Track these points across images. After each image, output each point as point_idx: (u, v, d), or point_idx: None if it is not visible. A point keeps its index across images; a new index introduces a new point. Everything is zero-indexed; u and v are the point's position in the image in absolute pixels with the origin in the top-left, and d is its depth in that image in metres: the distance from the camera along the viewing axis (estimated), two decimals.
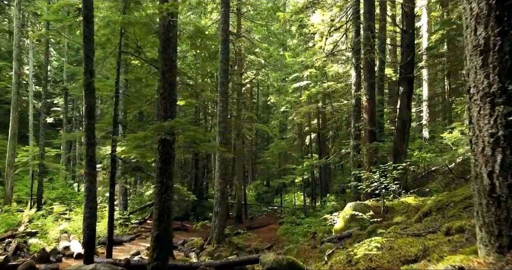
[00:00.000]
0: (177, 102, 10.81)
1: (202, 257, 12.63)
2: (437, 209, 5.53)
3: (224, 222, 14.48)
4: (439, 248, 3.09)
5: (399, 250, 3.43)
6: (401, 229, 5.04)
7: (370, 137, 12.56)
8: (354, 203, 8.83)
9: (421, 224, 5.01)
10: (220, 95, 14.47)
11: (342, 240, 7.73)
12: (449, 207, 5.36)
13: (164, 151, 6.93)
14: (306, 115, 25.51)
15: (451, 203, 5.45)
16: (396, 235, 4.37)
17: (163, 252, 6.71)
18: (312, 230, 15.88)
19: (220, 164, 14.30)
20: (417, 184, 14.09)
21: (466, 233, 3.33)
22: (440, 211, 5.44)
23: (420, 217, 5.70)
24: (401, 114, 12.45)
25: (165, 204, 6.83)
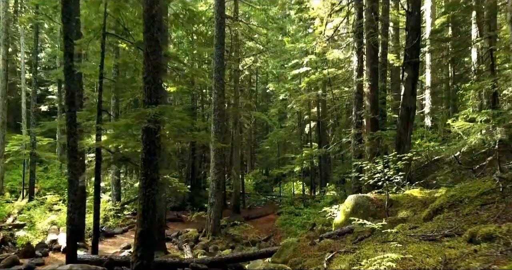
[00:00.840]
0: (168, 88, 10.17)
1: (196, 250, 12.15)
2: (449, 205, 4.96)
3: (219, 213, 13.98)
4: (465, 261, 2.53)
5: (413, 261, 2.86)
6: (410, 229, 4.47)
7: (372, 125, 11.94)
8: (355, 196, 8.26)
9: (432, 223, 4.43)
10: (215, 82, 13.81)
11: (343, 236, 7.19)
12: (464, 204, 4.78)
13: (149, 140, 6.32)
14: (306, 103, 24.85)
15: (465, 198, 4.87)
16: (406, 238, 3.80)
17: (147, 250, 6.17)
18: (311, 221, 15.39)
19: (216, 153, 13.73)
20: (419, 174, 13.55)
21: (497, 242, 2.76)
22: (453, 207, 4.86)
23: (430, 213, 5.13)
24: (405, 101, 11.80)
25: (150, 198, 6.25)
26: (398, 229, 4.70)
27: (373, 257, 3.16)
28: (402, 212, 7.07)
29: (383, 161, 7.54)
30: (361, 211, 7.85)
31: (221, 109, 13.95)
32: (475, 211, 4.34)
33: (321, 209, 16.57)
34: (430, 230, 4.09)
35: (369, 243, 4.61)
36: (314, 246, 6.84)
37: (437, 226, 4.21)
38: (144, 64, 6.48)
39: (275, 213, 20.13)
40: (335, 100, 20.67)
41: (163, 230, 11.08)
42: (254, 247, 13.47)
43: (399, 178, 8.61)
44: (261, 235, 16.01)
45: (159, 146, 6.48)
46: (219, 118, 13.78)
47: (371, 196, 8.17)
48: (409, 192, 8.21)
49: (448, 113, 22.80)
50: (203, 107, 27.32)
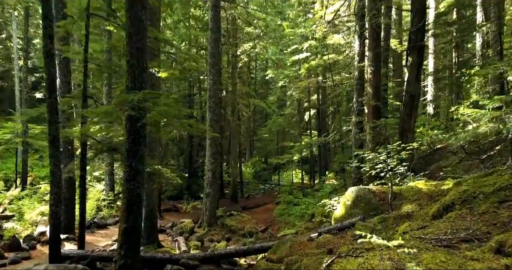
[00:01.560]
0: (159, 74, 9.60)
1: (191, 242, 11.76)
2: (461, 202, 4.47)
3: (215, 204, 13.56)
4: None
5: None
6: (419, 229, 3.99)
7: (374, 112, 11.42)
8: (356, 188, 7.79)
9: (444, 223, 3.95)
10: (210, 67, 13.22)
11: (343, 231, 6.74)
12: (478, 200, 4.30)
13: (133, 129, 5.80)
14: (306, 90, 24.25)
15: (479, 194, 4.39)
16: (416, 242, 3.32)
17: (132, 248, 5.72)
18: (309, 212, 15.01)
19: (211, 142, 13.22)
20: (422, 163, 13.08)
21: None
22: (466, 204, 4.38)
23: (440, 210, 4.65)
24: (409, 87, 11.24)
25: (135, 192, 5.77)
26: (405, 228, 4.22)
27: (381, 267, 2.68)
28: (406, 206, 6.59)
29: (386, 151, 7.04)
30: (362, 204, 7.39)
31: (217, 96, 13.38)
32: (492, 209, 3.86)
33: (320, 199, 16.17)
34: (443, 231, 3.60)
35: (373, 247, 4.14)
36: (312, 242, 6.39)
37: (450, 226, 3.72)
38: (127, 46, 5.92)
39: (273, 203, 19.75)
40: (335, 87, 20.06)
41: (155, 222, 10.65)
42: (251, 239, 13.09)
43: (402, 169, 8.13)
44: (259, 226, 15.63)
45: (144, 135, 5.97)
46: (215, 105, 13.23)
47: (373, 188, 7.71)
48: (413, 184, 7.74)
49: (451, 100, 22.24)
50: (200, 94, 26.70)
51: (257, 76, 38.64)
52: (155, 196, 10.49)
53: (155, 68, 9.66)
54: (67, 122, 10.88)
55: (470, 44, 23.90)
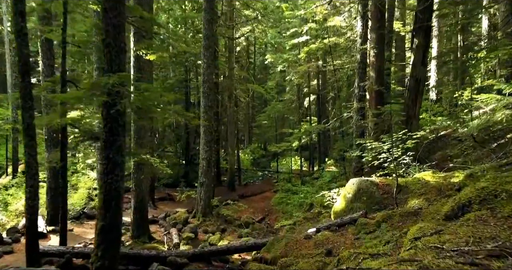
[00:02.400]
0: (147, 57, 8.91)
1: (184, 233, 11.27)
2: (480, 201, 3.90)
3: (210, 193, 13.05)
4: None
5: None
6: (433, 234, 3.41)
7: (377, 98, 10.77)
8: (358, 180, 7.23)
9: (462, 227, 3.37)
10: (204, 50, 12.50)
11: (343, 228, 6.21)
12: (500, 200, 3.72)
13: (110, 117, 5.19)
14: (305, 75, 23.50)
15: (502, 192, 3.81)
16: (433, 256, 2.75)
17: (111, 248, 5.18)
18: (308, 201, 14.53)
19: (205, 129, 12.61)
20: (426, 152, 12.50)
21: None
22: (485, 204, 3.80)
23: (454, 210, 4.08)
24: (415, 71, 10.57)
25: (113, 186, 5.20)
26: (416, 232, 3.64)
27: None
28: (413, 201, 6.04)
29: (392, 140, 6.44)
30: (364, 197, 6.84)
31: (211, 81, 12.70)
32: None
33: (319, 187, 15.70)
34: (463, 240, 3.03)
35: (377, 254, 3.57)
36: (310, 240, 5.86)
37: (471, 233, 3.15)
38: (102, 23, 5.25)
39: (271, 191, 19.27)
40: (335, 71, 19.32)
41: (146, 213, 10.14)
42: (247, 229, 12.62)
43: (407, 159, 7.58)
44: (256, 215, 15.17)
45: (124, 124, 5.35)
46: (209, 91, 12.56)
47: (376, 180, 7.14)
48: (419, 175, 7.17)
49: (456, 85, 21.53)
50: (197, 79, 25.93)
51: (256, 61, 37.77)
52: (145, 186, 9.95)
53: (143, 51, 8.98)
54: (49, 109, 10.25)
55: (474, 28, 23.06)
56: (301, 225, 12.39)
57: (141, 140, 9.70)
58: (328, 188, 14.45)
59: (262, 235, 12.47)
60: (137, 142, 9.63)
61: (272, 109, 25.33)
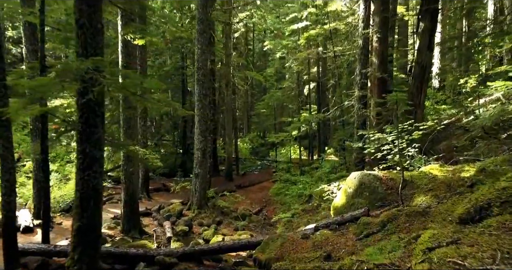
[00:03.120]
0: (135, 41, 8.33)
1: (178, 226, 10.85)
2: (501, 203, 3.41)
3: (206, 185, 12.60)
4: None
5: None
6: (449, 244, 2.94)
7: (379, 86, 10.22)
8: (360, 174, 6.74)
9: (484, 237, 2.89)
10: (198, 35, 11.88)
11: (344, 226, 5.74)
12: None
13: (86, 107, 4.67)
14: (305, 62, 22.85)
15: None
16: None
17: (89, 250, 4.72)
18: (307, 193, 14.10)
19: (200, 118, 12.09)
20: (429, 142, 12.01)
21: None
22: (508, 207, 3.32)
23: (471, 212, 3.59)
24: (420, 57, 10.01)
25: (90, 184, 4.71)
26: (429, 241, 3.17)
27: None
28: (420, 198, 5.56)
29: (397, 131, 5.93)
30: (366, 193, 6.37)
31: (206, 67, 12.12)
32: None
33: (318, 178, 15.26)
34: (489, 253, 2.55)
35: (384, 264, 3.10)
36: (307, 240, 5.40)
37: (496, 245, 2.67)
38: (75, 1, 4.67)
39: (269, 181, 18.85)
40: (336, 58, 18.68)
41: (136, 206, 9.70)
42: (244, 222, 12.21)
43: (412, 151, 7.09)
44: (253, 206, 14.76)
45: (102, 114, 4.83)
46: (204, 78, 11.99)
47: (379, 174, 6.65)
48: (426, 169, 6.68)
49: (460, 72, 20.92)
50: (194, 66, 25.28)
51: (255, 48, 37.01)
52: (136, 178, 9.48)
53: (131, 35, 8.41)
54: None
55: (480, 14, 22.32)
56: (300, 218, 12.00)
57: (130, 130, 9.19)
58: (328, 179, 14.01)
59: (259, 228, 12.09)
60: (126, 132, 9.12)
61: (271, 97, 24.76)
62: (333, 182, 12.01)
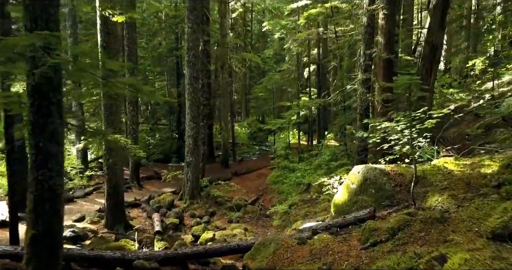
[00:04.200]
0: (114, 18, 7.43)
1: (168, 219, 10.21)
2: None
3: (198, 174, 11.90)
4: None
5: None
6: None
7: (385, 68, 9.35)
8: (364, 167, 5.98)
9: None
10: (188, 13, 10.94)
11: (346, 229, 5.02)
12: None
13: (38, 93, 3.87)
14: (305, 44, 21.81)
15: None
16: None
17: (46, 261, 4.01)
18: (306, 181, 13.40)
19: (191, 103, 11.28)
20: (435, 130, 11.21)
21: None
22: None
23: (509, 227, 2.85)
24: (431, 36, 9.12)
25: (46, 184, 3.96)
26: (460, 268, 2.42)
27: None
28: (434, 197, 4.81)
29: (411, 119, 5.14)
30: (372, 190, 5.62)
31: (197, 48, 11.21)
32: None
33: (318, 166, 14.54)
34: None
35: None
36: (304, 246, 4.69)
37: None
38: None
39: (267, 167, 18.16)
40: (338, 38, 17.68)
41: (121, 199, 8.99)
42: (239, 213, 11.57)
43: (424, 142, 6.31)
44: (249, 196, 14.10)
45: (58, 102, 4.03)
46: (195, 59, 11.10)
47: (386, 168, 5.88)
48: (439, 162, 5.91)
49: (468, 53, 19.95)
50: None
51: (253, 29, 35.80)
52: (119, 169, 8.74)
53: (109, 11, 7.51)
54: None
55: None
56: (298, 209, 11.32)
57: (112, 117, 8.39)
58: (328, 167, 13.29)
59: (254, 219, 11.45)
60: (108, 119, 8.33)
61: (269, 80, 23.77)
62: (334, 172, 11.27)
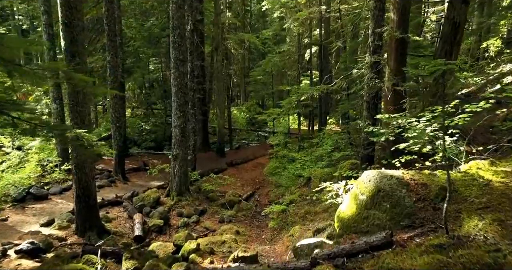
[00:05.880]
0: None
1: (152, 220, 9.14)
2: None
3: (186, 168, 10.77)
4: None
5: None
6: None
7: (398, 49, 8.06)
8: (376, 174, 4.79)
9: None
10: None
11: (355, 261, 3.88)
12: None
13: None
14: (306, 23, 20.33)
15: None
16: None
17: None
18: (306, 174, 12.28)
19: (177, 90, 10.05)
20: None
21: None
22: None
23: None
24: (452, 11, 7.78)
25: None
26: None
27: None
28: (472, 221, 3.65)
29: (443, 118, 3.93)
30: (386, 204, 4.46)
31: (183, 27, 9.87)
32: None
33: (319, 157, 13.39)
34: None
35: None
36: None
37: None
38: None
39: (265, 156, 17.06)
40: (341, 17, 16.22)
41: (93, 201, 7.84)
42: (231, 211, 10.49)
43: (449, 141, 5.16)
44: (244, 189, 13.03)
45: None
46: (180, 40, 9.77)
47: (404, 177, 4.69)
48: (471, 167, 4.73)
49: (480, 35, 18.51)
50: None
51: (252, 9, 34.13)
52: (89, 167, 7.58)
53: None
54: None
55: None
56: (297, 207, 10.22)
57: (79, 107, 7.18)
58: (330, 159, 12.15)
59: (249, 219, 10.36)
60: (73, 110, 7.14)
61: (268, 63, 22.34)
62: (336, 165, 10.14)
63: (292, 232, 7.68)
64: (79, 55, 7.23)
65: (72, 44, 7.11)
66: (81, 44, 7.30)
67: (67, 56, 7.13)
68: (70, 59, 7.13)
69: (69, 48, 7.08)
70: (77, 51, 7.20)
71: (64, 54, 7.18)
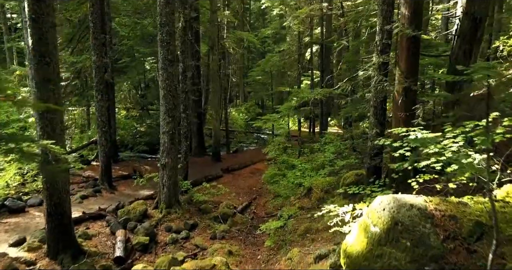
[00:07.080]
0: None
1: (136, 237, 8.30)
2: None
3: (176, 178, 9.91)
4: None
5: None
6: None
7: (410, 48, 7.16)
8: (391, 201, 3.91)
9: None
10: None
11: None
12: None
13: None
14: (307, 21, 19.44)
15: None
16: None
17: None
18: (306, 184, 11.41)
19: (166, 93, 9.19)
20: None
21: None
22: None
23: None
24: (472, 6, 6.92)
25: None
26: None
27: None
28: None
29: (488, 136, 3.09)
30: (406, 241, 3.57)
31: (171, 24, 9.00)
32: None
33: (320, 165, 12.51)
34: None
35: None
36: None
37: None
38: None
39: (264, 161, 16.17)
40: (344, 14, 15.34)
41: (67, 219, 6.99)
42: (225, 225, 9.63)
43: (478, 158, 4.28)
44: (240, 199, 12.17)
45: None
46: (169, 38, 8.90)
47: (427, 206, 3.80)
48: (509, 195, 3.86)
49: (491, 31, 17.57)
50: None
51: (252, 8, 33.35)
52: (63, 181, 6.73)
53: None
54: None
55: None
56: (296, 221, 9.31)
57: (50, 114, 6.32)
58: (332, 168, 11.27)
59: (244, 234, 9.48)
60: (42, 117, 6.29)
61: (267, 62, 21.42)
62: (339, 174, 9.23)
63: (290, 255, 6.82)
64: (49, 55, 6.37)
65: (41, 43, 6.26)
66: (51, 43, 6.45)
67: (35, 56, 6.28)
68: (38, 59, 6.29)
69: (36, 46, 6.23)
70: (47, 50, 6.35)
71: (31, 54, 6.33)
